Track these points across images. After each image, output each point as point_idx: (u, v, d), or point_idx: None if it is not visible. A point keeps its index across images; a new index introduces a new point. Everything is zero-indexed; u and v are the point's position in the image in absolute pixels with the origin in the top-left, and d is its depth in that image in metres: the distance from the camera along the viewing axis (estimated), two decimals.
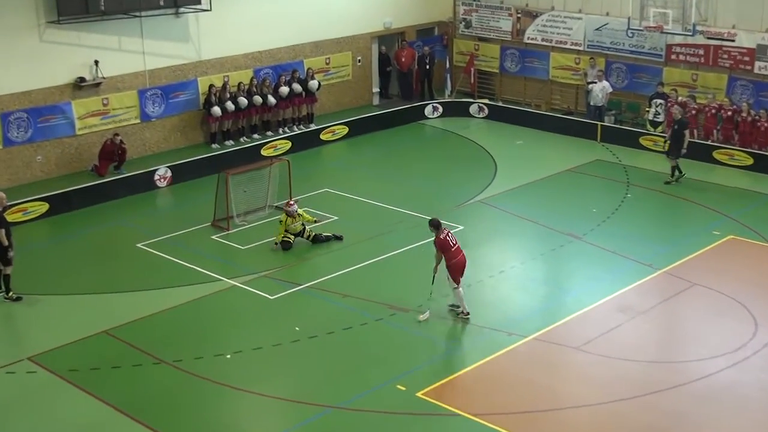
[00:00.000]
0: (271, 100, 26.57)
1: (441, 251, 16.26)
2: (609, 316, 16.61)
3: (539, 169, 24.57)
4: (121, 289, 18.04)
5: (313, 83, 27.51)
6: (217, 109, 25.53)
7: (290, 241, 19.57)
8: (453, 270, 16.35)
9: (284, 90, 26.84)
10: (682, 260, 18.77)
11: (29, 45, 22.71)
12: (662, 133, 25.12)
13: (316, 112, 28.13)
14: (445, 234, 16.32)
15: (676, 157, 23.20)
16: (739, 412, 13.78)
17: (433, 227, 16.44)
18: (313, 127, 27.51)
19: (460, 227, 20.53)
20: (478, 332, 16.13)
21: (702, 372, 14.73)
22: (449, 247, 16.27)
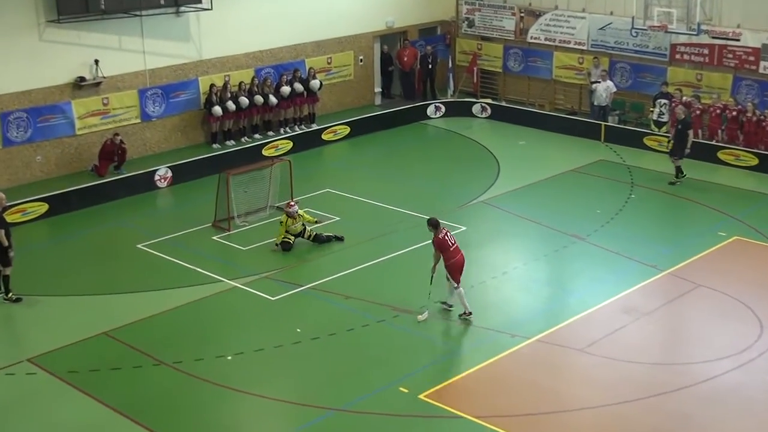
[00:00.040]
0: (273, 99, 26.56)
1: (439, 251, 16.28)
2: (613, 318, 16.59)
3: (542, 169, 24.55)
4: (121, 290, 18.04)
5: (315, 83, 27.51)
6: (218, 109, 25.53)
7: (290, 242, 19.56)
8: (451, 270, 16.36)
9: (286, 90, 26.83)
10: (687, 261, 18.75)
11: (29, 44, 22.72)
12: (666, 133, 25.11)
13: (318, 112, 28.12)
14: (444, 233, 16.33)
15: (680, 158, 23.18)
16: (745, 414, 13.76)
17: (432, 226, 16.44)
18: (315, 127, 27.50)
19: (463, 228, 20.52)
20: (481, 334, 16.11)
21: (707, 374, 14.71)
22: (447, 247, 16.28)
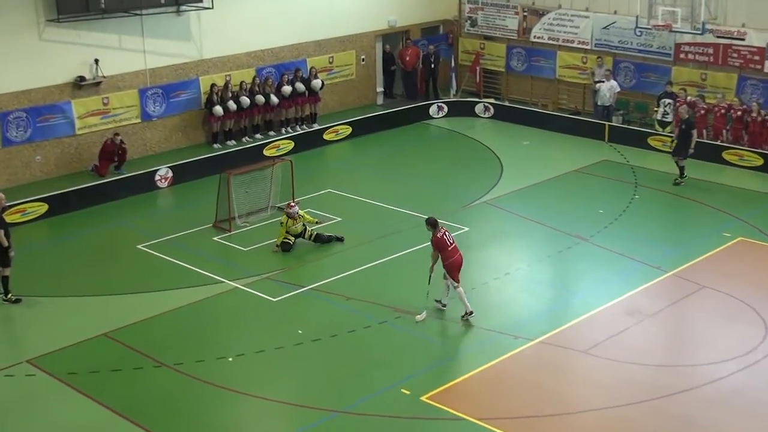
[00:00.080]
0: (274, 99, 26.56)
1: (438, 250, 16.34)
2: (617, 319, 16.58)
3: (546, 169, 24.54)
4: (121, 291, 18.04)
5: (317, 82, 27.51)
6: (219, 109, 25.54)
7: (290, 243, 19.55)
8: (449, 269, 16.41)
9: (287, 89, 26.84)
10: (691, 262, 18.73)
11: (28, 43, 22.73)
12: (670, 133, 25.09)
13: (320, 112, 28.12)
14: (442, 233, 16.39)
15: (684, 158, 23.16)
16: (750, 417, 13.74)
17: (431, 226, 16.49)
18: (316, 127, 27.51)
19: (466, 228, 20.53)
20: (484, 335, 16.11)
21: (711, 376, 14.70)
22: (446, 246, 16.34)
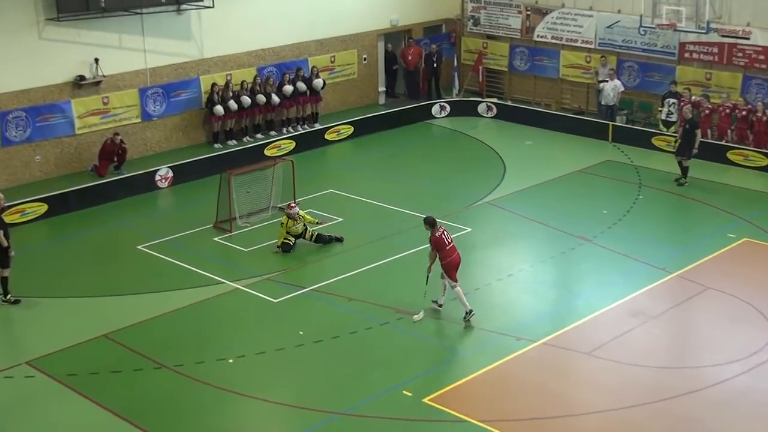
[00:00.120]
0: (275, 99, 26.57)
1: (435, 249, 16.40)
2: (620, 321, 16.57)
3: (549, 169, 24.53)
4: (121, 292, 18.04)
5: (318, 82, 27.52)
6: (219, 108, 25.55)
7: (290, 244, 19.55)
8: (447, 268, 16.45)
9: (288, 89, 26.85)
10: (696, 263, 18.71)
11: (28, 42, 22.75)
12: (675, 133, 25.07)
13: (321, 112, 28.13)
14: (441, 232, 16.44)
15: (688, 158, 23.14)
16: (754, 419, 13.73)
17: (429, 225, 16.55)
18: (318, 127, 27.51)
19: (468, 229, 20.53)
20: (486, 336, 16.10)
21: (716, 378, 14.69)
22: (444, 246, 16.39)
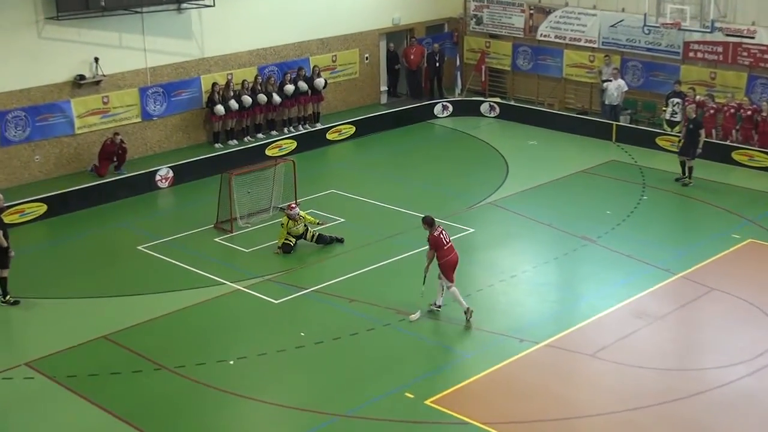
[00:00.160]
0: (276, 98, 26.57)
1: (433, 249, 16.44)
2: (624, 322, 16.56)
3: (552, 170, 24.52)
4: (121, 293, 18.05)
5: (320, 81, 27.51)
6: (220, 108, 25.56)
7: (291, 244, 19.55)
8: (445, 268, 16.48)
9: (289, 88, 26.85)
10: (700, 264, 18.70)
11: (27, 42, 22.76)
12: (679, 133, 25.04)
13: (323, 111, 28.14)
14: (439, 232, 16.50)
15: (692, 158, 23.13)
16: (760, 421, 13.72)
17: (427, 224, 16.60)
18: (319, 127, 27.51)
19: (471, 230, 20.53)
20: (489, 338, 16.10)
21: (720, 380, 14.68)
22: (442, 245, 16.44)
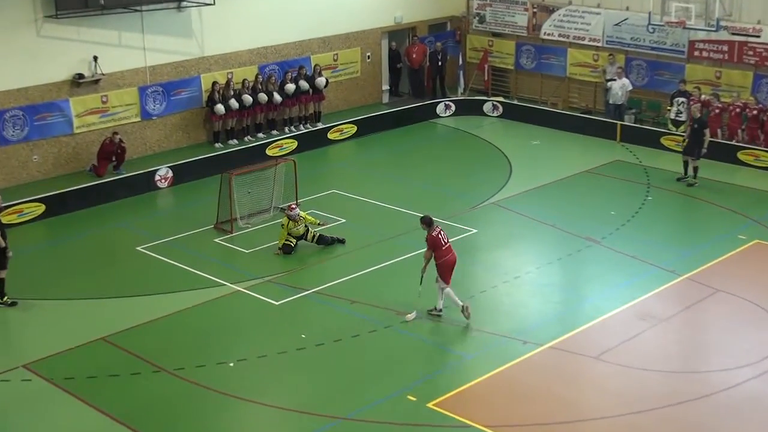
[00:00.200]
0: (277, 97, 26.56)
1: (431, 249, 16.46)
2: (629, 324, 16.54)
3: (556, 170, 24.50)
4: (120, 294, 18.04)
5: (321, 80, 27.50)
6: (220, 107, 25.55)
7: (291, 245, 19.53)
8: (442, 268, 16.51)
9: (290, 87, 26.83)
10: (706, 266, 18.68)
11: (26, 40, 22.75)
12: (684, 132, 25.01)
13: (324, 111, 28.12)
14: (437, 232, 16.53)
15: (697, 158, 23.10)
16: (765, 425, 13.69)
17: (425, 224, 16.62)
18: (320, 126, 27.50)
19: (474, 230, 20.51)
20: (492, 340, 16.07)
21: (726, 383, 14.65)
22: (440, 245, 16.47)
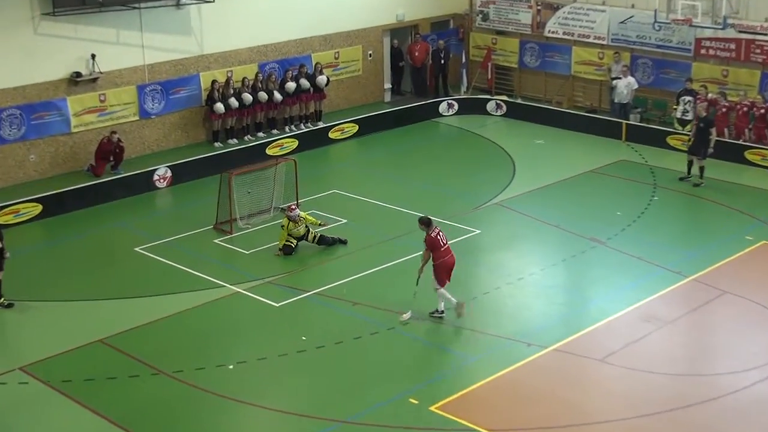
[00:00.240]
0: (277, 96, 26.56)
1: (430, 249, 16.50)
2: (634, 326, 16.52)
3: (560, 169, 24.49)
4: (118, 296, 18.04)
5: (322, 79, 27.50)
6: (220, 106, 25.55)
7: (292, 246, 19.52)
8: (439, 269, 16.52)
9: (291, 86, 26.83)
10: (712, 267, 18.67)
11: (23, 38, 22.76)
12: (690, 131, 24.99)
13: (325, 109, 28.13)
14: (436, 232, 16.57)
15: (703, 157, 23.07)
16: None
17: (424, 225, 16.65)
18: (321, 125, 27.50)
19: (477, 231, 20.51)
20: (496, 342, 16.06)
21: (733, 386, 14.63)
22: (439, 246, 16.49)
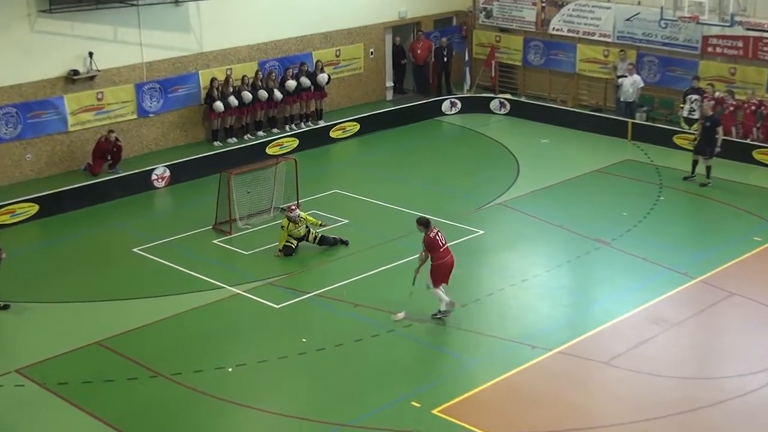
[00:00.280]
0: (278, 94, 26.56)
1: (428, 250, 16.50)
2: (640, 329, 16.50)
3: (565, 169, 24.48)
4: (116, 297, 18.04)
5: (323, 77, 27.50)
6: (219, 105, 25.54)
7: (292, 246, 19.51)
8: (437, 270, 16.52)
9: (291, 84, 26.83)
10: (720, 268, 18.65)
11: (19, 35, 22.77)
12: (696, 130, 24.95)
13: (326, 108, 28.13)
14: (435, 233, 16.57)
15: (709, 157, 23.04)
16: None
17: (422, 225, 16.68)
18: (322, 124, 27.51)
19: (480, 231, 20.49)
20: (499, 345, 16.05)
21: (741, 389, 14.62)
22: (437, 247, 16.50)
